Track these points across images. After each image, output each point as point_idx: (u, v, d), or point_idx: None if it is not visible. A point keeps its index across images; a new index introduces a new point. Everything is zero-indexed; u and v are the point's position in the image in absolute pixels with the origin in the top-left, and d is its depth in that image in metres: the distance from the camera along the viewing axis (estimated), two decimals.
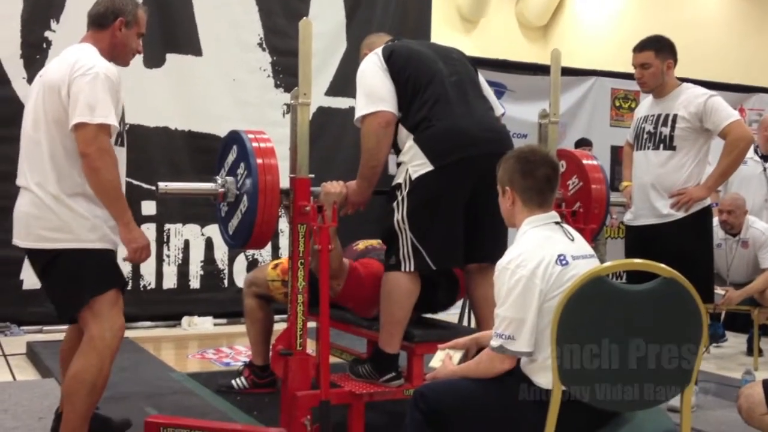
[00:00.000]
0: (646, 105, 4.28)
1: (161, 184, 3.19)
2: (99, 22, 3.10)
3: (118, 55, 3.11)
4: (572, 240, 2.46)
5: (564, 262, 2.35)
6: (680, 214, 4.02)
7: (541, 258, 2.34)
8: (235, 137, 3.21)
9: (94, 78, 2.87)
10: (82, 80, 2.87)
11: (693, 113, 3.98)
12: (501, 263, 2.40)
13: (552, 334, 2.22)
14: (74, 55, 2.98)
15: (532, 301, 2.31)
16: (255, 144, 3.09)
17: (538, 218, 2.48)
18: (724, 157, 4.02)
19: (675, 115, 4.02)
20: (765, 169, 6.09)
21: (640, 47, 4.12)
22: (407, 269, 3.13)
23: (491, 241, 3.19)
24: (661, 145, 4.06)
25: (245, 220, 3.09)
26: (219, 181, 3.21)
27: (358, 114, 3.19)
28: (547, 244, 2.39)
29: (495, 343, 2.37)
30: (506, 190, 2.53)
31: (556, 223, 2.50)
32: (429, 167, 3.09)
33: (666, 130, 4.04)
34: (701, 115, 3.97)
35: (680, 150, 4.02)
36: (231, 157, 3.22)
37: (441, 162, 3.09)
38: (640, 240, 4.17)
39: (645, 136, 4.14)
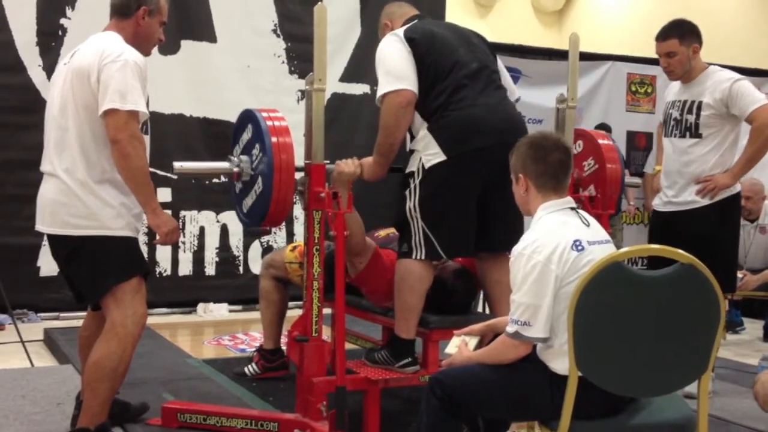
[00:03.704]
0: (675, 89, 4.18)
1: (176, 164, 3.20)
2: (122, 11, 3.10)
3: (141, 43, 3.11)
4: (588, 225, 2.45)
5: (579, 247, 2.34)
6: (706, 201, 3.96)
7: (556, 243, 2.33)
8: (249, 116, 3.21)
9: (123, 65, 2.89)
10: (112, 67, 2.88)
11: (718, 99, 3.90)
12: (516, 249, 2.39)
13: (569, 320, 2.22)
14: (102, 42, 2.99)
15: (547, 286, 2.30)
16: (269, 123, 3.08)
17: (553, 204, 2.46)
18: (749, 145, 3.95)
19: (700, 102, 3.95)
20: None
21: (664, 35, 4.00)
22: (418, 257, 3.13)
23: (506, 230, 3.17)
24: (687, 133, 4.00)
25: (261, 198, 3.09)
26: (234, 161, 3.22)
27: (380, 92, 3.15)
28: (562, 229, 2.38)
29: (511, 329, 2.37)
30: (519, 177, 2.51)
31: (572, 208, 2.48)
32: (442, 157, 3.08)
33: (691, 118, 3.98)
34: (727, 100, 3.89)
35: (706, 137, 3.95)
36: (245, 136, 3.21)
37: (454, 152, 3.08)
38: (664, 225, 4.11)
39: (672, 122, 4.08)
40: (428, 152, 3.11)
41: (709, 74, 4.00)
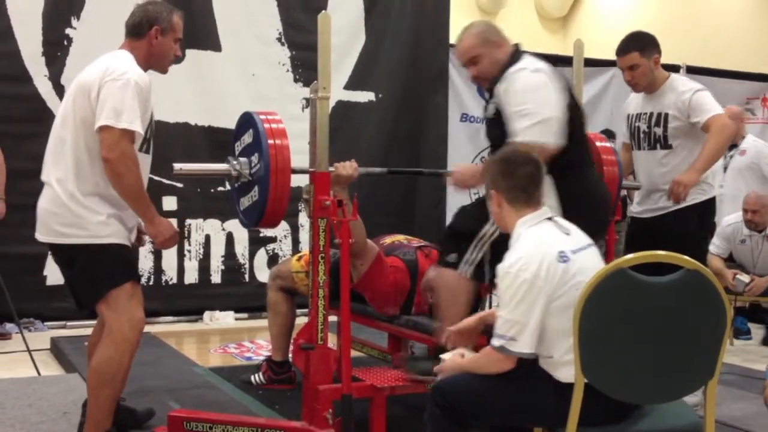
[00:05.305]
0: (636, 101, 4.18)
1: (176, 166, 3.21)
2: (135, 32, 3.12)
3: (156, 62, 3.15)
4: (568, 234, 2.46)
5: (565, 258, 2.35)
6: (687, 203, 3.94)
7: (541, 259, 2.33)
8: (247, 119, 3.24)
9: (124, 84, 2.91)
10: (112, 85, 2.91)
11: (681, 110, 3.92)
12: (503, 267, 2.38)
13: (574, 326, 2.22)
14: (108, 60, 3.02)
15: (536, 303, 2.31)
16: (267, 125, 3.11)
17: (530, 218, 2.48)
18: (710, 140, 3.85)
19: (666, 114, 3.96)
20: (724, 156, 5.89)
21: (623, 50, 4.02)
22: (465, 274, 3.09)
23: None
24: (658, 145, 4.02)
25: (257, 200, 3.12)
26: (233, 162, 3.23)
27: (531, 135, 2.96)
28: (544, 243, 2.39)
29: (496, 342, 2.37)
30: (491, 194, 2.54)
31: (548, 219, 2.49)
32: None
33: (659, 130, 4.00)
34: (688, 111, 3.89)
35: (676, 147, 3.97)
36: (245, 139, 3.25)
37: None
38: (645, 230, 4.12)
39: (641, 135, 4.09)
40: None
41: (671, 84, 3.99)
